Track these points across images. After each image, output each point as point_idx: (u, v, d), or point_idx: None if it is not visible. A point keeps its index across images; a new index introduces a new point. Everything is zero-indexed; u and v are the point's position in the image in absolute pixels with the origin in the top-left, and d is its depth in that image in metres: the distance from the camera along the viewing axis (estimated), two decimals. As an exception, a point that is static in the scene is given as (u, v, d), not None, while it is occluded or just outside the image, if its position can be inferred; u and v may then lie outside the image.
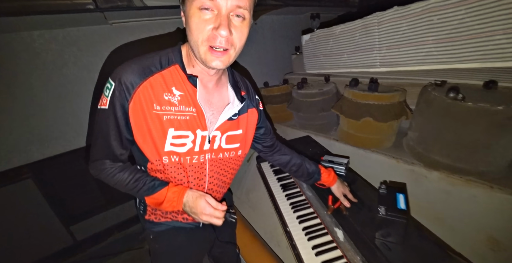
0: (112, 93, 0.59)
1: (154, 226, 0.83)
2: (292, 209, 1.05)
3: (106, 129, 0.63)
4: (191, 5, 0.54)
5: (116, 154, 0.66)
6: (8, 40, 1.50)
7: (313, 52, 1.43)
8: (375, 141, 1.35)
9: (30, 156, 1.65)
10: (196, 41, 0.56)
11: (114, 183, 0.68)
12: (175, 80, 0.63)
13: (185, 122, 0.65)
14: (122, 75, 0.59)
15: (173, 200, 0.68)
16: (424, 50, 0.79)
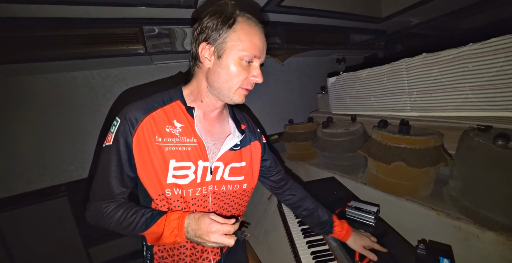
0: (117, 129, 0.63)
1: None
2: (314, 259, 0.93)
3: (107, 165, 0.63)
4: (233, 56, 0.63)
5: (114, 193, 0.64)
6: (75, 77, 1.80)
7: (339, 94, 1.46)
8: (409, 188, 1.22)
9: (70, 176, 1.81)
10: (232, 83, 0.65)
11: (110, 222, 0.63)
12: (176, 114, 0.68)
13: (186, 153, 0.66)
14: (127, 112, 0.64)
15: (174, 227, 0.60)
16: (461, 96, 0.76)
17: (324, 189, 1.33)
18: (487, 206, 0.91)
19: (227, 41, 0.62)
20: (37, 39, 1.43)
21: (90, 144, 1.87)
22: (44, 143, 1.73)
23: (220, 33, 0.62)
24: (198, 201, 0.70)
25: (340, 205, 1.11)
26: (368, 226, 0.97)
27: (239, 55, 0.62)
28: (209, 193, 0.71)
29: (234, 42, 0.62)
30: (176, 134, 0.66)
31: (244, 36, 0.62)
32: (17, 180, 1.67)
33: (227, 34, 0.62)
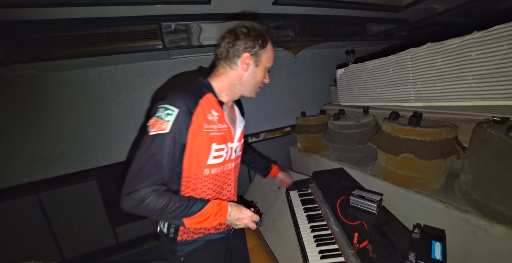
0: (176, 118, 0.67)
1: (186, 246, 0.86)
2: (315, 242, 0.99)
3: (160, 153, 0.66)
4: (264, 66, 0.86)
5: (164, 179, 0.68)
6: (101, 72, 1.97)
7: (347, 85, 1.46)
8: (418, 180, 1.21)
9: (98, 162, 2.01)
10: (258, 83, 0.88)
11: (157, 209, 0.66)
12: (212, 104, 0.79)
13: (221, 137, 0.80)
14: (182, 101, 0.70)
15: (220, 214, 0.75)
16: (464, 85, 0.74)
17: (331, 178, 1.36)
18: (497, 199, 0.89)
19: (263, 56, 0.84)
20: (69, 38, 1.59)
21: (115, 134, 2.04)
22: (76, 132, 1.92)
23: (260, 50, 0.82)
24: (227, 175, 0.88)
25: (345, 194, 1.14)
26: (371, 214, 1.00)
27: (266, 65, 0.86)
28: (232, 168, 0.90)
29: (266, 57, 0.85)
30: (215, 121, 0.79)
31: (270, 53, 0.86)
32: (55, 164, 1.90)
33: (263, 51, 0.83)
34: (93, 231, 2.06)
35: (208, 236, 0.88)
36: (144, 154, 0.67)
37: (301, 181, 1.52)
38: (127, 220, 2.18)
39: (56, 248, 1.96)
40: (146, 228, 2.25)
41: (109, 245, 2.13)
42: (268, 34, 0.85)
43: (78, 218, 2.00)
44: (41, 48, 1.57)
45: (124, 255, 2.15)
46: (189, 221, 0.71)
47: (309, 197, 1.35)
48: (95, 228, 2.07)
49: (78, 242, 2.03)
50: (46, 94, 1.84)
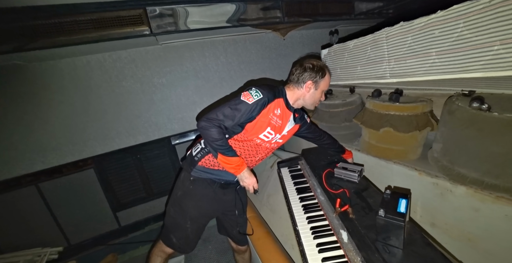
0: (259, 99, 1.04)
1: (199, 172, 1.18)
2: (304, 210, 1.10)
3: (239, 111, 1.01)
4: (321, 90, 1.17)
5: (230, 125, 1.04)
6: (89, 60, 1.94)
7: (331, 65, 1.51)
8: (398, 152, 1.32)
9: (94, 150, 2.05)
10: (316, 101, 1.20)
11: (213, 137, 1.00)
12: (280, 105, 1.13)
13: (275, 127, 1.14)
14: (267, 93, 1.06)
15: (238, 169, 1.07)
16: (429, 61, 0.80)
17: (319, 154, 1.45)
18: (461, 163, 1.00)
19: (321, 83, 1.15)
20: (52, 26, 1.55)
21: (109, 122, 2.07)
22: (71, 122, 1.94)
23: (319, 78, 1.13)
24: (262, 148, 1.20)
25: (330, 167, 1.24)
26: (353, 183, 1.11)
27: (323, 89, 1.17)
28: (265, 148, 1.21)
29: (323, 84, 1.16)
30: (277, 115, 1.12)
31: (327, 81, 1.17)
32: (52, 155, 1.93)
33: (322, 80, 1.14)
34: (95, 217, 2.16)
35: (219, 173, 1.19)
36: (229, 106, 1.02)
37: (291, 158, 1.61)
38: (127, 205, 2.28)
39: (61, 235, 2.06)
40: (146, 211, 2.36)
41: (112, 229, 2.25)
42: (326, 68, 1.16)
43: (79, 206, 2.08)
44: (24, 38, 1.54)
45: (128, 237, 2.28)
46: (220, 157, 1.04)
47: (299, 172, 1.45)
48: (97, 214, 2.16)
49: (82, 228, 2.13)
50: (34, 85, 1.82)
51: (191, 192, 1.20)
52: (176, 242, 1.26)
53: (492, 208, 0.94)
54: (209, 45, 2.30)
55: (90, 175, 2.07)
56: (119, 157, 2.16)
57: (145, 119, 2.18)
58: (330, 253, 0.84)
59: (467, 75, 0.70)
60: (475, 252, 1.04)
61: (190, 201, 1.21)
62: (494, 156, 0.91)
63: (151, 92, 2.17)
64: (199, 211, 1.24)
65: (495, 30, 0.58)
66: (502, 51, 0.58)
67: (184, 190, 1.21)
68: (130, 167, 2.20)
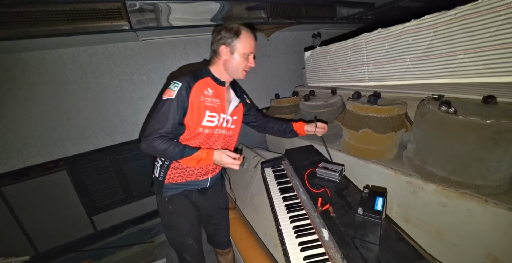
0: (180, 88, 0.97)
1: (170, 190, 1.13)
2: (286, 210, 1.11)
3: (168, 110, 0.95)
4: (239, 54, 1.02)
5: (169, 129, 0.97)
6: (61, 54, 1.82)
7: (313, 67, 1.55)
8: (375, 152, 1.39)
9: (67, 151, 1.92)
10: (239, 68, 1.06)
11: (162, 149, 0.94)
12: (209, 84, 1.06)
13: (214, 108, 1.06)
14: (185, 79, 1.00)
15: (207, 158, 1.00)
16: (404, 66, 0.86)
17: (301, 154, 1.48)
18: (431, 162, 1.08)
19: (237, 45, 1.02)
20: (19, 15, 1.43)
21: (84, 120, 1.95)
22: (40, 120, 1.80)
23: (233, 40, 1.01)
24: (216, 137, 1.12)
25: (312, 167, 1.27)
26: (334, 182, 1.14)
27: (243, 52, 1.03)
28: (222, 135, 1.13)
29: (240, 45, 1.02)
30: (210, 95, 1.05)
31: (244, 41, 1.02)
32: (17, 156, 1.78)
33: (237, 41, 1.01)
34: (68, 222, 2.02)
35: (190, 183, 1.15)
36: (158, 112, 0.96)
37: (275, 158, 1.63)
38: (104, 208, 2.17)
39: (27, 242, 1.90)
40: (125, 214, 2.26)
41: (87, 234, 2.12)
42: (245, 26, 1.03)
43: (50, 210, 1.94)
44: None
45: (105, 242, 2.17)
46: (183, 160, 0.98)
47: (282, 172, 1.47)
48: (70, 219, 2.03)
49: (53, 235, 1.99)
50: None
51: (173, 211, 1.15)
52: (192, 260, 1.24)
53: (457, 203, 1.02)
54: (192, 43, 2.26)
55: (62, 178, 1.93)
56: (95, 158, 2.04)
57: (124, 118, 2.08)
58: (311, 251, 0.86)
59: (437, 80, 0.76)
60: (442, 244, 1.13)
61: (177, 218, 1.17)
62: (459, 156, 1.00)
63: (131, 90, 2.08)
64: (190, 223, 1.21)
65: (460, 41, 0.64)
66: (466, 60, 0.64)
67: (167, 212, 1.16)
68: (107, 168, 2.09)
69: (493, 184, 0.98)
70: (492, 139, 0.90)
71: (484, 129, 0.90)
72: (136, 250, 1.98)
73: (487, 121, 0.88)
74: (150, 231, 2.21)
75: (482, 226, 0.97)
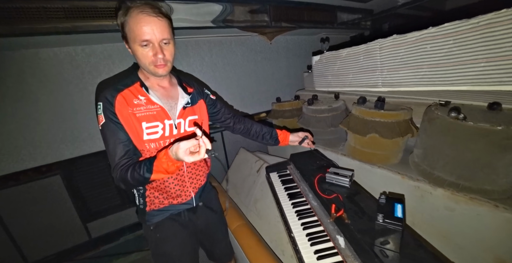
0: (103, 108, 0.83)
1: (154, 217, 1.01)
2: (297, 216, 1.10)
3: (111, 136, 0.81)
4: (133, 43, 0.81)
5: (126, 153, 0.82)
6: (56, 53, 1.74)
7: (322, 71, 1.55)
8: (381, 157, 1.40)
9: (61, 155, 1.83)
10: (143, 62, 0.84)
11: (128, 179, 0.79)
12: (139, 90, 0.89)
13: (153, 116, 0.89)
14: (103, 95, 0.84)
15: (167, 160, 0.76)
16: (421, 73, 0.87)
17: (308, 159, 1.47)
18: (439, 167, 1.09)
19: (126, 31, 0.81)
20: (15, 11, 1.36)
21: (80, 122, 1.87)
22: (32, 122, 1.71)
23: (123, 25, 0.81)
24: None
25: (321, 172, 1.26)
26: (344, 188, 1.14)
27: (137, 38, 0.79)
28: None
29: (130, 30, 0.80)
30: (142, 103, 0.88)
31: (134, 24, 0.78)
32: (8, 160, 1.68)
33: (126, 26, 0.81)
34: (61, 229, 1.92)
35: (174, 207, 1.03)
36: (105, 143, 0.83)
37: (280, 163, 1.61)
38: (100, 214, 2.08)
39: (16, 252, 1.79)
40: (121, 221, 2.18)
41: (81, 242, 2.02)
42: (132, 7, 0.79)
43: (41, 218, 1.84)
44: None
45: (100, 250, 2.07)
46: (154, 175, 0.79)
47: (288, 177, 1.46)
48: (63, 226, 1.93)
49: (44, 243, 1.88)
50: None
51: (160, 239, 1.03)
52: None
53: (466, 208, 1.04)
54: (193, 44, 2.22)
55: (55, 182, 1.84)
56: (91, 162, 1.96)
57: (122, 120, 2.02)
58: (328, 259, 0.84)
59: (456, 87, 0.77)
60: (449, 248, 1.14)
61: (166, 245, 1.04)
62: (468, 161, 1.01)
63: (129, 91, 2.01)
64: (181, 248, 1.08)
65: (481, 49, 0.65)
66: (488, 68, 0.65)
67: (154, 241, 1.04)
68: (104, 172, 2.01)
69: (501, 189, 1.00)
70: (501, 145, 0.92)
71: (494, 135, 0.92)
72: (134, 258, 1.90)
73: (498, 128, 0.90)
74: (148, 237, 2.13)
75: (491, 230, 0.98)
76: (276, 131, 1.29)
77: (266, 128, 1.29)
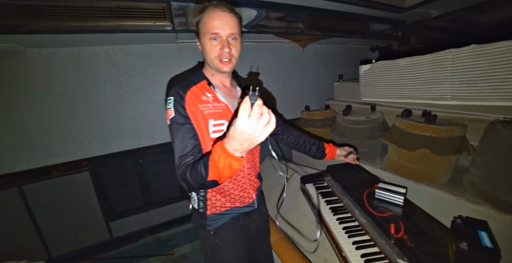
0: (173, 104, 0.83)
1: (215, 221, 0.98)
2: (346, 233, 1.02)
3: (179, 131, 0.80)
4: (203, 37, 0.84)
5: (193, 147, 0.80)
6: (97, 52, 1.77)
7: (372, 81, 1.50)
8: (429, 174, 1.31)
9: (91, 151, 1.83)
10: (208, 56, 0.86)
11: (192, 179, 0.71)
12: (206, 88, 0.91)
13: (219, 113, 0.89)
14: (175, 91, 0.85)
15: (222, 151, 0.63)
16: (508, 86, 0.81)
17: (347, 172, 1.40)
18: (506, 191, 1.00)
19: (200, 25, 0.84)
20: (66, 9, 1.39)
21: (111, 121, 1.87)
22: (68, 118, 1.73)
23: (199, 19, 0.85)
24: None
25: (366, 186, 1.18)
26: (397, 206, 1.06)
27: (207, 32, 0.82)
28: None
29: (201, 25, 0.84)
30: (210, 100, 0.88)
31: (205, 20, 0.82)
32: (42, 153, 1.69)
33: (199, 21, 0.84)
34: (84, 226, 1.91)
35: (235, 210, 1.00)
36: (173, 138, 0.81)
37: (315, 174, 1.54)
38: (122, 214, 2.05)
39: (41, 246, 1.78)
40: (142, 222, 2.14)
41: (102, 241, 2.00)
42: (210, 5, 0.83)
43: (67, 213, 1.83)
44: (29, 18, 1.35)
45: (120, 251, 2.03)
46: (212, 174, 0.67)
47: (327, 190, 1.39)
48: (87, 223, 1.92)
49: (67, 239, 1.87)
50: (29, 74, 1.60)
51: (219, 245, 1.01)
52: None
53: (538, 238, 0.93)
54: (226, 48, 2.22)
55: (83, 179, 1.84)
56: (119, 160, 1.95)
57: (152, 120, 2.01)
58: (394, 287, 0.76)
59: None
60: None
61: (223, 255, 1.01)
62: (543, 187, 0.92)
63: (162, 92, 2.02)
64: (237, 257, 1.05)
65: None
66: None
67: (212, 248, 1.01)
68: (130, 172, 2.00)
69: None
70: None
71: None
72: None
73: None
74: (168, 242, 2.08)
75: None
76: (324, 144, 1.25)
77: (314, 140, 1.25)
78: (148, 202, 2.12)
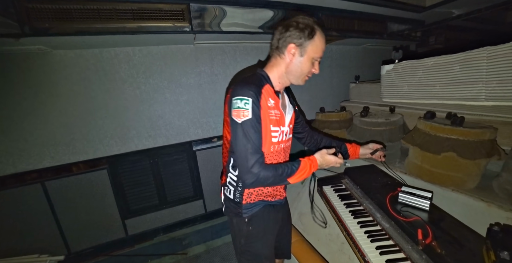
0: (252, 104, 0.82)
1: (250, 209, 1.02)
2: (369, 238, 0.98)
3: (254, 133, 0.83)
4: (308, 58, 0.89)
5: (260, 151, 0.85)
6: (117, 53, 1.82)
7: (395, 81, 1.45)
8: (455, 179, 1.24)
9: (110, 150, 1.88)
10: (304, 73, 0.93)
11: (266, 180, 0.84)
12: (269, 93, 0.92)
13: (277, 121, 0.93)
14: (251, 90, 0.84)
15: (312, 165, 0.91)
16: None
17: (366, 174, 1.36)
18: (545, 198, 0.93)
19: (309, 47, 0.88)
20: (91, 12, 1.44)
21: (130, 120, 1.92)
22: (89, 117, 1.78)
23: (306, 41, 0.87)
24: (279, 153, 1.00)
25: (388, 190, 1.14)
26: (423, 211, 1.01)
27: (313, 56, 0.90)
28: (282, 149, 1.01)
29: (312, 48, 0.88)
30: (272, 106, 0.91)
31: (318, 44, 0.88)
32: (64, 151, 1.75)
33: (309, 42, 0.87)
34: (101, 223, 1.96)
35: (266, 202, 1.05)
36: (242, 138, 0.82)
37: (332, 176, 1.51)
38: (138, 212, 2.08)
39: (61, 241, 1.83)
40: (157, 221, 2.17)
41: (118, 238, 2.04)
42: (318, 26, 0.88)
43: (86, 209, 1.88)
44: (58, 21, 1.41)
45: (135, 249, 2.06)
46: (292, 179, 0.88)
47: (345, 192, 1.35)
48: (104, 220, 1.96)
49: (85, 235, 1.92)
50: (55, 74, 1.67)
51: (253, 232, 1.04)
52: None
53: None
54: (241, 50, 2.24)
55: (102, 177, 1.88)
56: (135, 159, 1.99)
57: (168, 120, 2.04)
58: (425, 296, 0.72)
59: None
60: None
61: (256, 242, 1.05)
62: None
63: (178, 92, 2.05)
64: (269, 246, 1.09)
65: None
66: None
67: (246, 235, 1.04)
68: (146, 171, 2.03)
69: None
70: None
71: None
72: (168, 262, 1.86)
73: None
74: (181, 241, 2.09)
75: None
76: (346, 144, 1.24)
77: (336, 142, 1.25)
78: (163, 201, 2.15)
